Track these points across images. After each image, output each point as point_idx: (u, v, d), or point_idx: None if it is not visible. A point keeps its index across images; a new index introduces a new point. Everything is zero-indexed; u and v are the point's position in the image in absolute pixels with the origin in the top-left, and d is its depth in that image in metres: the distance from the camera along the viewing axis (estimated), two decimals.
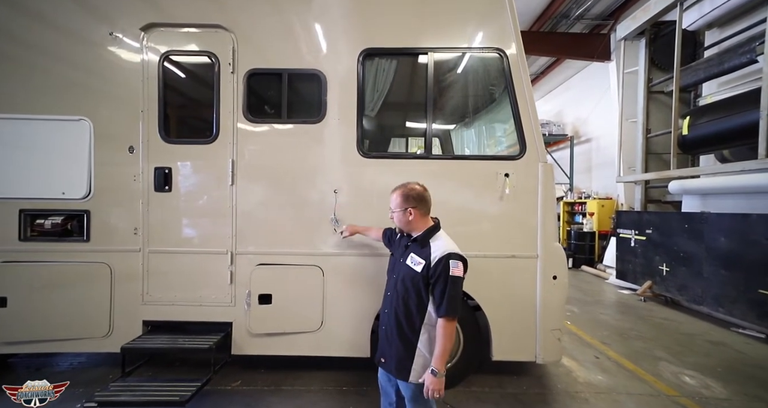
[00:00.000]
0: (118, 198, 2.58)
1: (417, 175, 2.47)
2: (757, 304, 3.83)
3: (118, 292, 2.56)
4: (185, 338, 2.46)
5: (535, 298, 2.46)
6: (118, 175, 2.57)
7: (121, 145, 2.57)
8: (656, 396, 2.63)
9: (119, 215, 2.58)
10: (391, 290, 1.70)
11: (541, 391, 2.68)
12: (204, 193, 2.59)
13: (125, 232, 2.57)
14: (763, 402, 2.60)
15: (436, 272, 1.51)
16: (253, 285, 2.52)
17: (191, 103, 2.89)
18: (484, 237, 2.49)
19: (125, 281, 2.56)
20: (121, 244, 2.57)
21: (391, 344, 1.64)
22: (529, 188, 2.46)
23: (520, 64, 2.47)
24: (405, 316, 1.60)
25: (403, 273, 1.63)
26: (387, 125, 3.18)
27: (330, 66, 2.54)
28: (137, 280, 2.57)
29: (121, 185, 2.57)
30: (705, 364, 3.19)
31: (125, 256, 2.57)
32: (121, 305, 2.56)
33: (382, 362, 1.69)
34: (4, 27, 2.53)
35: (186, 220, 2.60)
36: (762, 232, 3.81)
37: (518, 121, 2.47)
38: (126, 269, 2.57)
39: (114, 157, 2.57)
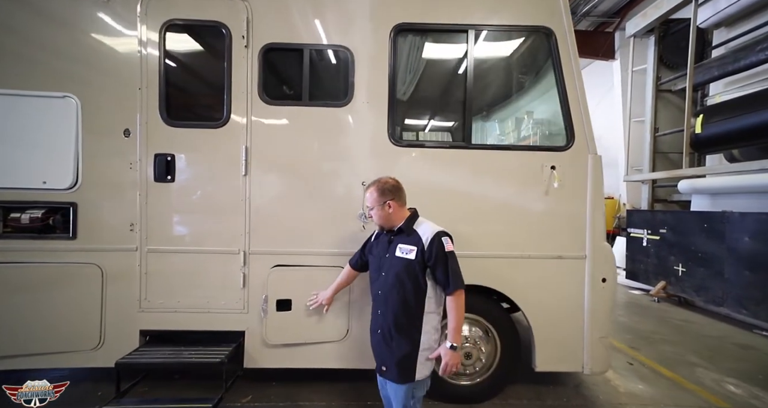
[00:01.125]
0: (111, 189, 2.23)
1: (455, 166, 2.26)
2: (738, 297, 3.74)
3: (110, 298, 2.22)
4: (191, 350, 2.14)
5: (582, 303, 2.25)
6: (110, 163, 2.23)
7: (114, 127, 2.22)
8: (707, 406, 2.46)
9: (112, 209, 2.23)
10: (383, 288, 1.64)
11: (583, 402, 2.47)
12: (212, 185, 2.26)
13: (119, 228, 2.22)
14: None
15: (432, 253, 1.55)
16: (270, 289, 2.22)
17: (198, 81, 2.55)
18: (528, 236, 2.26)
19: (119, 285, 2.23)
20: (114, 242, 2.22)
21: (390, 347, 1.58)
22: (577, 182, 2.24)
23: (570, 44, 2.23)
24: (403, 310, 1.57)
25: (396, 266, 1.61)
26: (420, 111, 2.90)
27: (359, 42, 2.25)
28: (133, 284, 2.23)
29: (114, 174, 2.23)
30: (743, 370, 3.05)
31: (119, 256, 2.22)
32: (113, 313, 2.22)
33: (383, 371, 1.61)
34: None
35: (191, 214, 2.27)
36: (738, 234, 3.72)
37: (566, 108, 2.24)
38: (120, 271, 2.23)
39: (106, 141, 2.22)
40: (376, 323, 1.67)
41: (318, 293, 2.14)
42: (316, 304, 2.12)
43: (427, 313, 1.60)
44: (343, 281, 2.07)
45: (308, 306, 2.17)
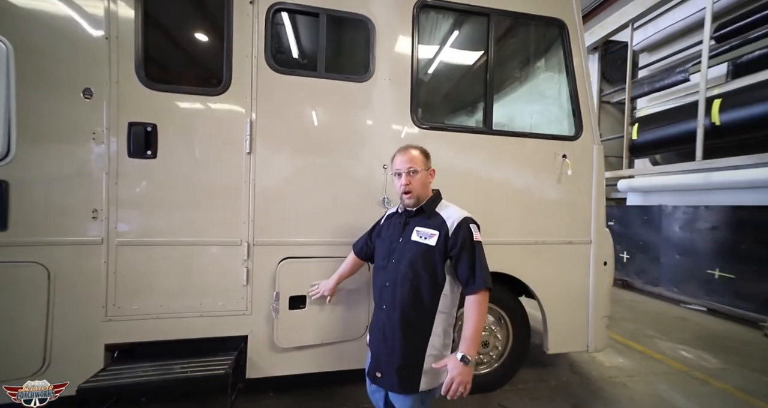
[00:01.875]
0: (63, 164, 1.72)
1: (476, 151, 2.21)
2: (705, 282, 4.49)
3: (60, 306, 1.72)
4: (182, 364, 1.74)
5: (588, 286, 2.38)
6: (62, 131, 1.72)
7: (68, 84, 1.73)
8: (676, 373, 2.80)
9: (65, 190, 1.73)
10: (391, 278, 1.37)
11: (581, 379, 2.63)
12: (207, 163, 1.88)
13: (75, 215, 1.73)
14: (744, 367, 2.95)
15: (457, 241, 1.31)
16: (282, 285, 1.92)
17: (189, 36, 2.11)
18: (543, 222, 2.31)
19: (73, 289, 1.73)
20: (67, 233, 1.73)
21: (392, 350, 1.32)
22: (584, 171, 2.36)
23: (580, 39, 2.35)
24: (415, 307, 1.32)
25: (410, 252, 1.35)
26: (441, 94, 2.80)
27: (381, 13, 2.07)
28: (96, 287, 1.75)
29: (67, 145, 1.73)
30: (686, 338, 3.57)
31: (74, 252, 1.73)
32: (65, 325, 1.72)
33: (378, 377, 1.36)
34: None
35: (179, 198, 1.86)
36: (709, 221, 4.48)
37: (575, 100, 2.35)
38: (75, 271, 1.73)
39: (55, 101, 1.71)
40: (379, 320, 1.41)
41: (319, 283, 1.88)
42: (318, 294, 1.86)
43: (440, 313, 1.34)
44: (347, 270, 1.80)
45: (310, 297, 1.91)
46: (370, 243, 1.66)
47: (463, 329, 1.27)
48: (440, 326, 1.34)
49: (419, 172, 1.39)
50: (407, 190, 1.39)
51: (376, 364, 1.39)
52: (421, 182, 1.41)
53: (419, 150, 1.46)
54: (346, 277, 1.84)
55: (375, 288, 1.50)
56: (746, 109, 4.75)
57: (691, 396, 2.47)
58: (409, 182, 1.38)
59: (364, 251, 1.71)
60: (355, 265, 1.79)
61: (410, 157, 1.41)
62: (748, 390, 2.58)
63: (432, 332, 1.33)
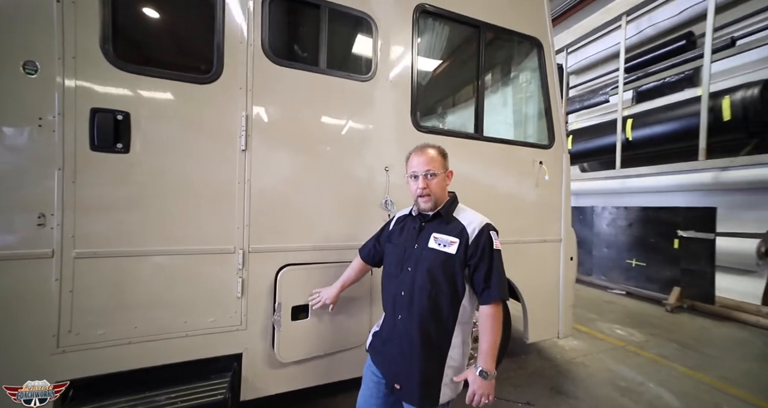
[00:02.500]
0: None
1: (469, 155, 2.32)
2: (625, 270, 5.38)
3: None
4: (167, 394, 1.48)
5: (558, 279, 2.67)
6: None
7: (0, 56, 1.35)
8: (616, 348, 3.30)
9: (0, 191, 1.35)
10: (407, 287, 1.30)
11: (551, 363, 2.94)
12: (194, 161, 1.64)
13: (11, 222, 1.36)
14: (660, 337, 3.62)
15: (477, 249, 1.24)
16: (284, 295, 1.77)
17: (172, 8, 1.79)
18: (523, 222, 2.52)
19: (8, 316, 1.36)
20: (4, 245, 1.35)
21: (410, 364, 1.26)
22: (556, 176, 2.64)
23: (552, 59, 2.62)
24: (434, 318, 1.25)
25: (428, 260, 1.27)
26: (437, 99, 2.82)
27: (382, 13, 2.04)
28: (43, 312, 1.40)
29: (2, 134, 1.35)
30: (617, 318, 4.24)
31: (15, 269, 1.36)
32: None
33: (397, 389, 1.29)
34: None
35: (157, 200, 1.58)
36: (627, 220, 5.38)
37: (549, 113, 2.62)
38: (10, 294, 1.36)
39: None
40: (394, 331, 1.33)
41: (320, 291, 1.73)
42: (320, 303, 1.70)
43: (459, 324, 1.28)
44: (353, 277, 1.67)
45: (311, 306, 1.77)
46: (379, 247, 1.56)
47: (479, 342, 1.24)
48: (459, 337, 1.28)
49: (438, 175, 1.30)
50: (424, 193, 1.29)
51: (394, 377, 1.31)
52: (440, 186, 1.32)
53: (437, 150, 1.35)
54: (351, 283, 1.70)
55: (387, 296, 1.41)
56: (649, 129, 5.82)
57: (631, 366, 2.94)
58: (426, 186, 1.29)
59: (372, 255, 1.59)
60: (361, 271, 1.68)
61: (428, 158, 1.30)
62: (666, 356, 3.17)
63: (451, 344, 1.27)
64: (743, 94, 4.76)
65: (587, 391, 2.53)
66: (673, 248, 4.74)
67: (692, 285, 4.56)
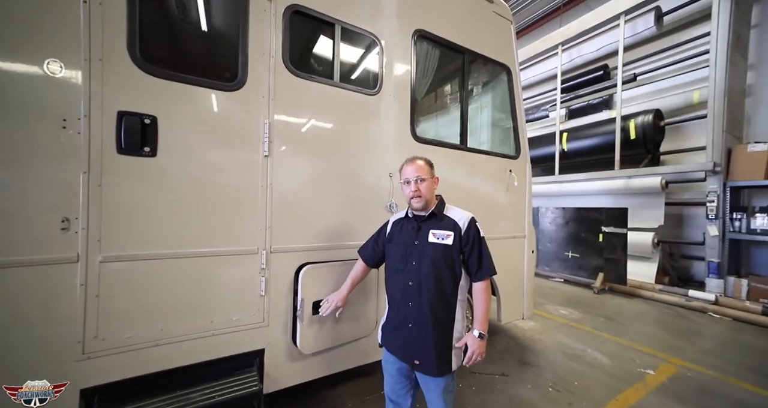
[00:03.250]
0: (17, 158, 1.28)
1: (456, 163, 2.67)
2: (563, 261, 6.33)
3: (6, 348, 1.27)
4: (201, 391, 1.53)
5: (523, 269, 3.17)
6: (14, 114, 1.27)
7: (20, 49, 1.29)
8: (562, 325, 3.97)
9: (15, 194, 1.28)
10: (414, 278, 1.51)
11: (516, 342, 3.45)
12: (220, 165, 1.69)
13: (34, 227, 1.31)
14: (591, 314, 4.43)
15: (469, 238, 1.50)
16: (306, 291, 1.89)
17: (199, 17, 1.77)
18: (498, 221, 2.96)
19: (31, 324, 1.30)
20: (21, 251, 1.29)
21: (425, 340, 1.48)
22: (521, 182, 3.14)
23: (518, 83, 3.11)
24: (440, 301, 1.48)
25: (431, 253, 1.50)
26: (429, 113, 3.08)
27: (388, 34, 2.28)
28: (66, 318, 1.36)
29: (23, 133, 1.29)
30: (559, 301, 5.03)
31: (32, 276, 1.30)
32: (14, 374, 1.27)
33: (417, 364, 1.51)
34: None
35: (184, 204, 1.60)
36: (565, 218, 6.35)
37: (516, 128, 3.11)
38: (34, 300, 1.31)
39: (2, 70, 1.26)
40: (406, 317, 1.52)
41: (328, 298, 1.81)
42: (331, 308, 1.77)
43: (460, 301, 1.52)
44: (359, 276, 1.81)
45: (322, 313, 1.82)
46: (378, 249, 1.73)
47: (475, 311, 1.51)
48: (460, 313, 1.53)
49: (426, 180, 1.54)
50: (416, 195, 1.53)
51: (411, 355, 1.52)
52: (428, 189, 1.55)
53: (424, 160, 1.60)
54: (359, 282, 1.84)
55: (394, 288, 1.59)
56: (579, 142, 6.94)
57: (574, 338, 3.59)
58: (417, 189, 1.53)
59: (372, 257, 1.76)
60: (365, 270, 1.83)
61: (417, 167, 1.56)
62: (597, 327, 3.92)
63: (455, 319, 1.51)
64: (642, 119, 5.99)
65: (546, 360, 3.06)
66: (598, 241, 5.76)
67: (611, 271, 5.59)
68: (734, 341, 3.63)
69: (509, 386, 2.60)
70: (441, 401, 1.51)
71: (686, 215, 6.18)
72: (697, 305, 4.73)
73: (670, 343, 3.51)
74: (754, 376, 2.85)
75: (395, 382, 1.62)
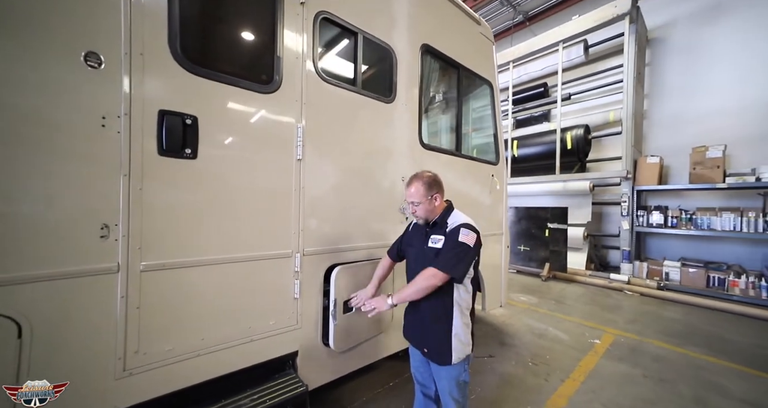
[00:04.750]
0: (50, 160, 1.14)
1: (452, 168, 2.95)
2: (517, 254, 7.16)
3: (39, 376, 1.13)
4: (249, 396, 1.50)
5: (500, 262, 3.59)
6: (49, 108, 1.14)
7: (60, 43, 1.16)
8: (525, 310, 4.56)
9: (53, 199, 1.14)
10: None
11: (492, 327, 3.88)
12: (257, 168, 1.67)
13: (72, 235, 1.18)
14: (544, 298, 5.16)
15: (449, 240, 1.56)
16: (338, 292, 1.95)
17: (237, 18, 1.66)
18: (484, 220, 3.31)
19: (65, 345, 1.18)
20: (58, 262, 1.16)
21: (429, 333, 1.62)
22: (500, 185, 3.56)
23: (498, 97, 3.51)
24: (437, 298, 1.58)
25: (429, 255, 1.61)
26: (431, 121, 3.22)
27: (400, 46, 2.42)
28: (107, 334, 1.26)
29: (60, 133, 1.16)
30: (518, 289, 5.72)
31: (70, 289, 1.18)
32: None
33: (426, 352, 1.66)
34: None
35: (223, 208, 1.55)
36: (517, 217, 7.18)
37: (496, 137, 3.51)
38: (70, 317, 1.18)
39: (32, 68, 1.11)
40: (416, 311, 1.69)
41: (357, 294, 1.89)
42: (360, 303, 1.83)
43: (456, 302, 1.58)
44: (384, 274, 1.93)
45: (354, 306, 1.91)
46: (401, 248, 1.88)
47: (406, 286, 1.58)
48: (458, 312, 1.58)
49: (421, 204, 1.63)
50: (414, 215, 1.69)
51: (422, 342, 1.67)
52: (424, 209, 1.65)
53: (421, 182, 1.64)
54: (384, 279, 1.94)
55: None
56: (527, 149, 7.90)
57: (537, 320, 4.18)
58: (414, 211, 1.68)
59: (399, 256, 1.89)
60: (390, 268, 1.95)
61: (410, 193, 1.65)
62: (551, 309, 4.60)
63: (453, 316, 1.58)
64: (576, 132, 7.09)
65: (520, 340, 3.53)
66: (545, 236, 6.66)
67: (555, 261, 6.52)
68: (645, 312, 4.59)
69: (497, 365, 2.97)
70: (447, 391, 1.60)
71: (606, 213, 7.47)
72: (616, 285, 5.81)
73: (605, 317, 4.30)
74: (663, 336, 3.69)
75: (420, 365, 1.76)
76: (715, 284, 5.32)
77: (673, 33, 6.75)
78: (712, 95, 6.16)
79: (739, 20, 5.93)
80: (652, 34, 7.01)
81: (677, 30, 6.69)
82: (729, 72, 5.99)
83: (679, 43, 6.65)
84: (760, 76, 5.64)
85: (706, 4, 6.32)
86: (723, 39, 6.10)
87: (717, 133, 5.92)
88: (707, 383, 2.73)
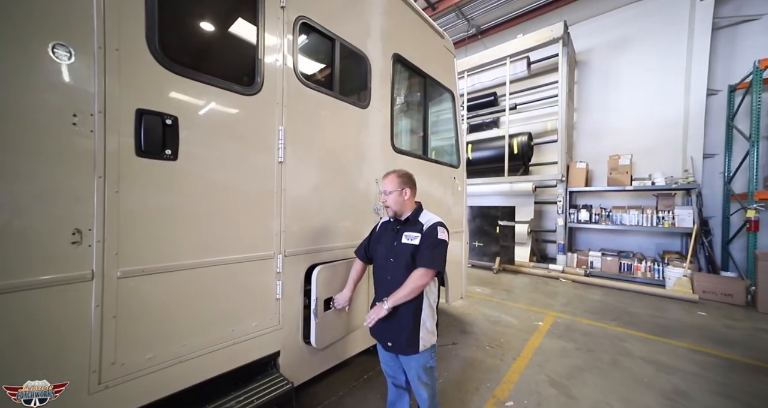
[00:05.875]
0: (17, 159, 1.04)
1: (420, 171, 3.15)
2: (472, 250, 7.72)
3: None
4: (235, 398, 1.49)
5: (461, 258, 3.90)
6: (12, 106, 1.04)
7: (26, 32, 1.06)
8: (481, 300, 4.99)
9: (24, 203, 1.04)
10: (393, 272, 1.72)
11: (456, 318, 4.19)
12: (238, 170, 1.65)
13: (39, 242, 1.09)
14: (496, 289, 5.69)
15: (427, 238, 1.66)
16: (319, 291, 1.99)
17: (219, 17, 1.57)
18: (447, 219, 3.56)
19: (43, 358, 1.09)
20: (30, 271, 1.06)
21: (396, 325, 1.67)
22: (462, 187, 3.86)
23: (458, 106, 3.80)
24: None
25: (404, 252, 1.68)
26: (399, 127, 3.30)
27: (374, 55, 2.53)
28: (82, 345, 1.18)
29: (24, 131, 1.06)
30: (474, 282, 6.20)
31: (43, 299, 1.09)
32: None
33: (390, 346, 1.70)
34: None
35: (204, 211, 1.52)
36: (473, 215, 7.74)
37: (458, 143, 3.80)
38: (42, 330, 1.09)
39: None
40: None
41: (335, 298, 2.03)
42: (341, 307, 2.00)
43: (426, 294, 1.68)
44: (358, 277, 2.02)
45: (334, 306, 2.04)
46: (369, 249, 1.93)
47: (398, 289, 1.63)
48: (426, 302, 1.69)
49: (392, 193, 1.74)
50: (385, 205, 1.80)
51: (384, 337, 1.73)
52: (394, 200, 1.74)
53: (396, 174, 1.77)
54: (359, 281, 2.04)
55: (379, 282, 1.80)
56: (480, 152, 8.55)
57: (491, 308, 4.61)
58: (385, 200, 1.78)
59: (367, 256, 1.96)
60: (362, 270, 2.03)
61: (386, 181, 1.77)
62: (503, 298, 5.11)
63: (422, 308, 1.67)
64: (521, 138, 7.88)
65: (478, 327, 3.88)
66: (496, 232, 7.29)
67: (505, 255, 7.19)
68: (575, 295, 5.34)
69: (461, 351, 3.25)
70: (417, 377, 1.69)
71: (545, 211, 8.43)
72: (554, 274, 6.62)
73: (545, 302, 4.91)
74: (591, 315, 4.36)
75: (389, 359, 1.83)
76: (625, 269, 6.48)
77: (594, 57, 7.92)
78: (620, 112, 7.44)
79: (636, 52, 7.24)
80: (580, 57, 8.11)
81: (597, 55, 7.87)
82: (631, 94, 7.34)
83: (598, 66, 7.84)
84: (652, 100, 7.01)
85: (617, 36, 7.54)
86: (626, 66, 7.42)
87: (626, 144, 7.14)
88: (619, 348, 3.36)
